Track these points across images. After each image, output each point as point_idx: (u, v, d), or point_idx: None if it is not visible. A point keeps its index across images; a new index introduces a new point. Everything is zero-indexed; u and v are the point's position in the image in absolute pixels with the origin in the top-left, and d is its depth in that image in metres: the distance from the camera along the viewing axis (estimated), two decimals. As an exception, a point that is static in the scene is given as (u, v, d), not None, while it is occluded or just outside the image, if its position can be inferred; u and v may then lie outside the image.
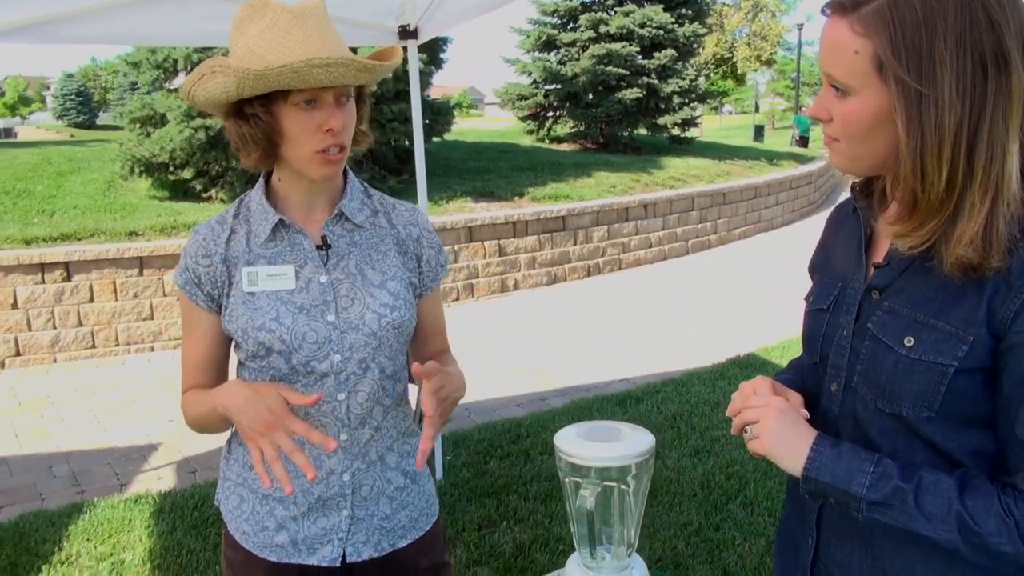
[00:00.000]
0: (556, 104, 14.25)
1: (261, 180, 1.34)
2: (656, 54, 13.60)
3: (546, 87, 14.18)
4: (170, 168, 8.13)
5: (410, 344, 1.45)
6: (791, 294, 1.16)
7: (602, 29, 13.45)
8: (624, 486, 1.08)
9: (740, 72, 40.99)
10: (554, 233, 8.21)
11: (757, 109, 40.39)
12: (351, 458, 1.34)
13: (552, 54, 14.43)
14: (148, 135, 8.38)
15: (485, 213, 7.84)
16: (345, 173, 1.38)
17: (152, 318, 6.07)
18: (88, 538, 3.16)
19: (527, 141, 14.43)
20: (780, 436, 0.97)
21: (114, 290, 5.95)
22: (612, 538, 1.13)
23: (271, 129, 1.21)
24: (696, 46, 14.94)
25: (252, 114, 1.20)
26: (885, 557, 0.99)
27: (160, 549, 3.05)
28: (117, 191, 8.32)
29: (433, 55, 9.77)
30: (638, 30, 13.32)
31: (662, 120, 13.98)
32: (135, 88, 14.36)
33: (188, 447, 4.10)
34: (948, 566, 0.93)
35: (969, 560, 0.88)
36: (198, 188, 8.26)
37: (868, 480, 0.91)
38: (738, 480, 3.51)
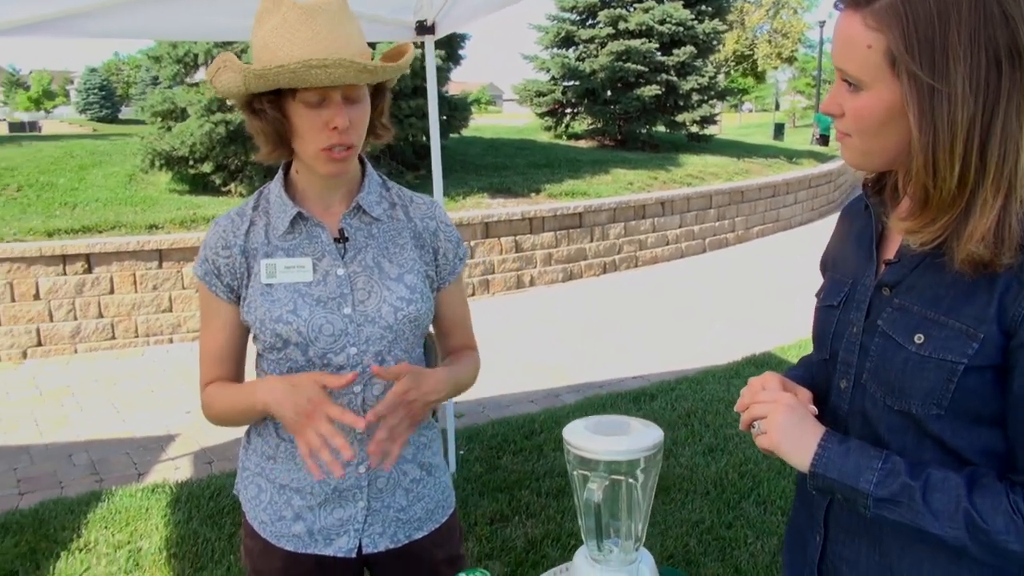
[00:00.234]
0: (574, 101, 14.20)
1: (280, 172, 1.35)
2: (675, 51, 13.52)
3: (564, 84, 14.13)
4: (190, 162, 8.21)
5: (436, 338, 1.46)
6: (811, 292, 1.16)
7: (621, 25, 13.39)
8: (632, 480, 1.08)
9: (760, 70, 40.62)
10: (571, 230, 8.19)
11: (777, 107, 40.12)
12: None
13: (571, 50, 14.39)
14: (169, 129, 8.47)
15: (501, 209, 7.85)
16: (364, 166, 1.38)
17: (171, 310, 6.14)
18: (106, 526, 3.21)
19: (545, 138, 14.40)
20: (788, 432, 0.97)
21: (134, 282, 6.03)
22: (619, 532, 1.13)
23: (280, 124, 1.22)
24: (716, 43, 14.84)
25: (261, 109, 1.21)
26: (893, 554, 0.99)
27: (176, 538, 3.09)
28: (138, 184, 8.41)
29: (451, 51, 9.77)
30: (657, 27, 13.25)
31: (680, 117, 13.92)
32: (156, 83, 14.47)
33: (205, 438, 4.15)
34: (955, 564, 0.93)
35: (976, 558, 0.87)
36: (217, 182, 8.34)
37: (876, 477, 0.90)
38: (751, 479, 3.50)
